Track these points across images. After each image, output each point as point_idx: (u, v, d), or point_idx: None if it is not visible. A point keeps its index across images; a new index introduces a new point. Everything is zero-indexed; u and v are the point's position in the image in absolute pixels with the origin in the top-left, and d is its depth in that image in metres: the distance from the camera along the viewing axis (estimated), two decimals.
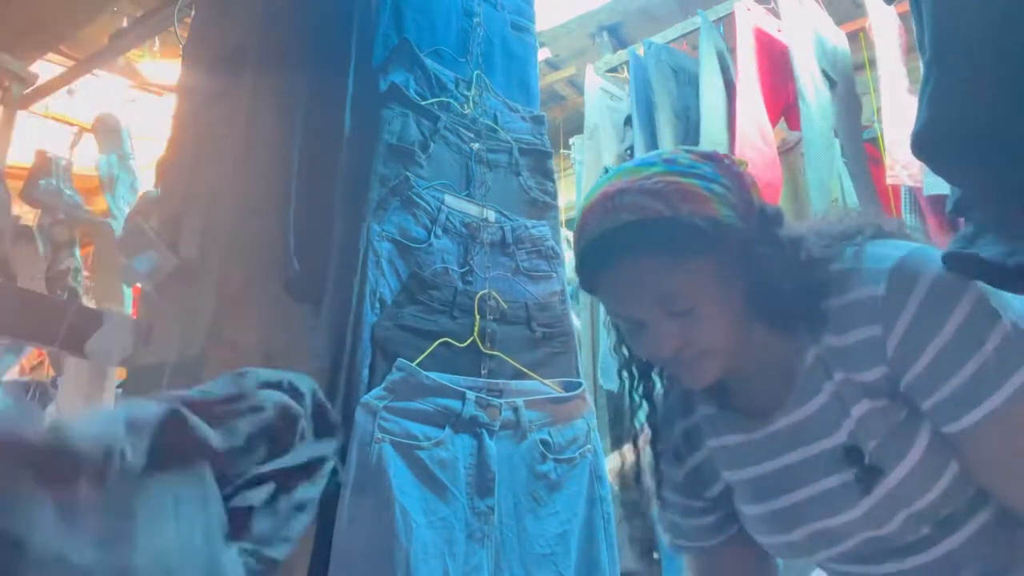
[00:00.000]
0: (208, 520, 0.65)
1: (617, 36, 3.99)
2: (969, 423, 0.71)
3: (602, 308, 0.98)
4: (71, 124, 3.65)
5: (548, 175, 1.60)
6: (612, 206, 0.79)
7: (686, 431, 0.95)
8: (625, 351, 0.93)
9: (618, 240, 0.78)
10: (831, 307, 0.80)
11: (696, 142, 2.30)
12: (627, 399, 0.95)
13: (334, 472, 1.12)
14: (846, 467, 0.79)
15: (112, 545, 0.55)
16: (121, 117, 2.98)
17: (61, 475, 0.53)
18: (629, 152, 2.65)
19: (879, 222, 0.87)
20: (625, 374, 0.94)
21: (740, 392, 0.89)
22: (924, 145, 0.66)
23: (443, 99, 1.46)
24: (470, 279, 1.36)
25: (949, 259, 0.71)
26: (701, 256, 0.78)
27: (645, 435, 0.96)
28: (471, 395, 1.23)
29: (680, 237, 0.77)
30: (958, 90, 0.64)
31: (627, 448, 0.97)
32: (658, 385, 0.95)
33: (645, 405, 0.94)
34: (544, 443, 1.30)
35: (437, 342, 1.26)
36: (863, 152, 2.49)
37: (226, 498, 0.70)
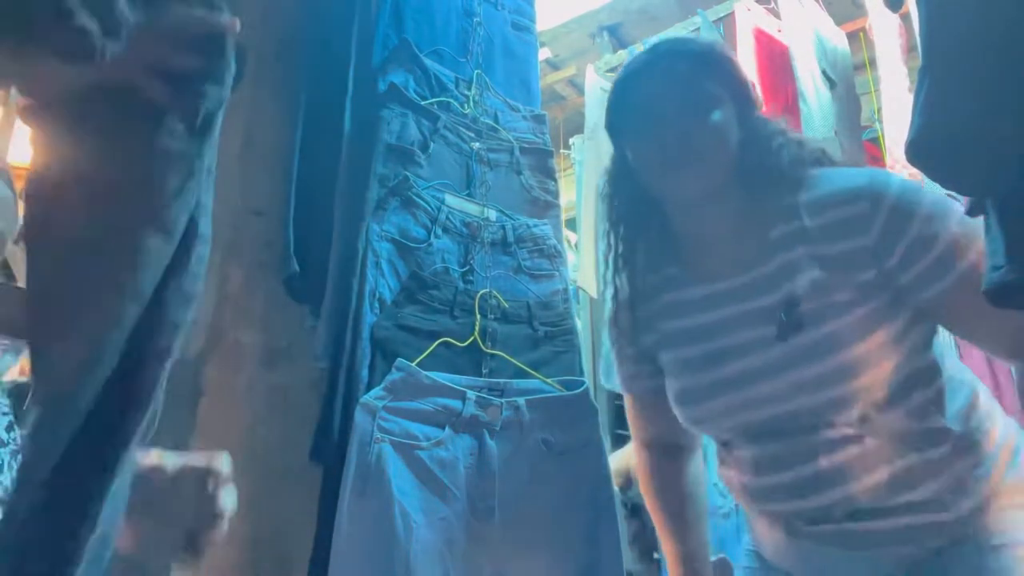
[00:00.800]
0: None
1: (617, 36, 3.99)
2: (949, 283, 0.86)
3: (601, 310, 1.03)
4: None
5: (549, 174, 1.60)
6: (661, 40, 1.04)
7: (648, 286, 1.07)
8: (615, 216, 1.10)
9: (663, 51, 1.00)
10: (807, 198, 0.95)
11: None
12: (608, 263, 1.10)
13: (334, 472, 1.12)
14: (774, 319, 0.92)
15: None
16: None
17: None
18: None
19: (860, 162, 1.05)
20: (612, 238, 1.10)
21: (706, 255, 1.03)
22: (918, 152, 0.66)
23: (443, 99, 1.46)
24: (471, 278, 1.36)
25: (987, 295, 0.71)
26: (724, 84, 0.98)
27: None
28: (471, 395, 1.23)
29: (715, 61, 1.00)
30: (951, 97, 0.64)
31: (611, 307, 1.12)
32: (638, 254, 1.08)
33: (623, 267, 1.08)
34: (546, 442, 1.29)
35: (437, 342, 1.26)
36: (863, 152, 2.49)
37: None
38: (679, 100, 0.96)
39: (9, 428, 0.82)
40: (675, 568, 1.12)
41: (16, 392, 0.92)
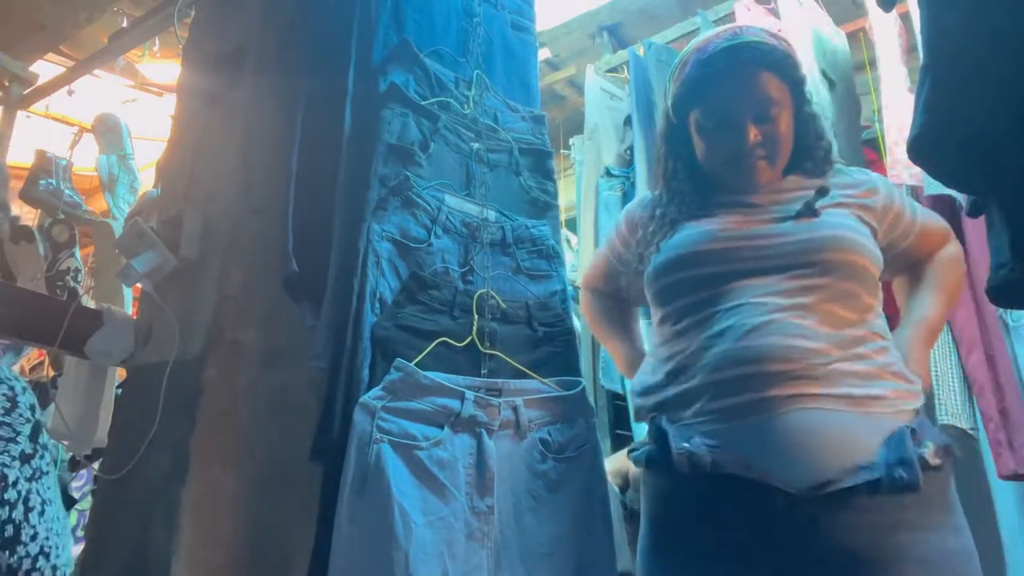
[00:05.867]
0: None
1: (617, 36, 3.98)
2: (913, 235, 1.19)
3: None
4: (71, 124, 3.65)
5: (548, 175, 1.60)
6: (740, 31, 1.13)
7: (694, 202, 1.21)
8: (669, 173, 1.25)
9: (744, 53, 1.10)
10: (835, 180, 1.16)
11: None
12: (668, 160, 1.25)
13: (334, 472, 1.13)
14: (786, 225, 1.09)
15: None
16: (121, 117, 2.98)
17: None
18: (629, 152, 2.65)
19: None
20: (676, 159, 1.24)
21: (746, 194, 1.17)
22: (920, 149, 0.66)
23: (443, 99, 1.46)
24: (470, 279, 1.36)
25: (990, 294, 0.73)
26: (790, 93, 1.14)
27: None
28: (470, 395, 1.23)
29: (789, 71, 1.13)
30: (953, 95, 0.64)
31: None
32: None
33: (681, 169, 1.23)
34: (543, 442, 1.29)
35: (436, 342, 1.26)
36: (861, 153, 2.49)
37: None
38: (750, 106, 1.11)
39: (34, 436, 0.82)
40: (623, 364, 1.35)
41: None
